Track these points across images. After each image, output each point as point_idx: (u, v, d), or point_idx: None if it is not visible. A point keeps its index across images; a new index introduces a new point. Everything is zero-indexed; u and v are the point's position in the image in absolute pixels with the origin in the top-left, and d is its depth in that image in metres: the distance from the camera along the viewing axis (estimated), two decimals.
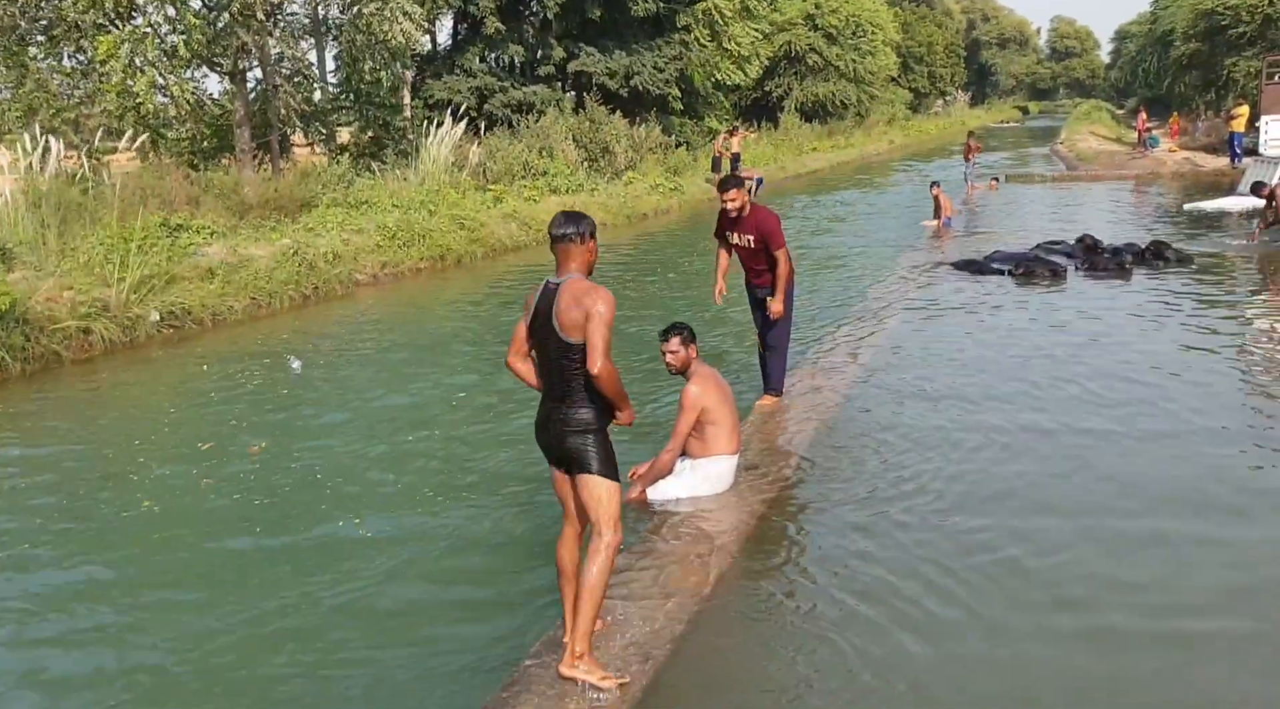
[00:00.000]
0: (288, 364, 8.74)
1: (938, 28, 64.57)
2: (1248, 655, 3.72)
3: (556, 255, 3.61)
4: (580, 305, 3.45)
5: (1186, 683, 3.59)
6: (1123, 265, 11.32)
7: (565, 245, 3.59)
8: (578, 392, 3.55)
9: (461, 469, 6.11)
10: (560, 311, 3.49)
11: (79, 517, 5.66)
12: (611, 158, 22.63)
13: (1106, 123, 49.63)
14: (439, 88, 23.75)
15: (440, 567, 4.86)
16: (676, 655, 3.78)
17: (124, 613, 4.55)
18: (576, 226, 3.61)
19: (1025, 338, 8.52)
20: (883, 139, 45.20)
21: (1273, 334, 8.52)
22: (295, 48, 17.26)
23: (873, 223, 18.83)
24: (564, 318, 3.48)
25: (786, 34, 40.45)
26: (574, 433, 3.55)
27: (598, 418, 3.57)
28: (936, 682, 3.61)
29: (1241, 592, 4.16)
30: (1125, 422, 6.18)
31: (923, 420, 6.38)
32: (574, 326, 3.46)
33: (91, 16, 14.03)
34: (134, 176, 14.04)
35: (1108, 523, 4.82)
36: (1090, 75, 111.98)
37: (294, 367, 8.68)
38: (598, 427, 3.57)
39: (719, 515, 5.03)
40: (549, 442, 3.64)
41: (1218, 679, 3.60)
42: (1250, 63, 30.12)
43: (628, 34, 26.04)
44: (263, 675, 4.00)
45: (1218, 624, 3.91)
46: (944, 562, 4.46)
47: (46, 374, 8.79)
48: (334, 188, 16.02)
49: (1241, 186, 18.28)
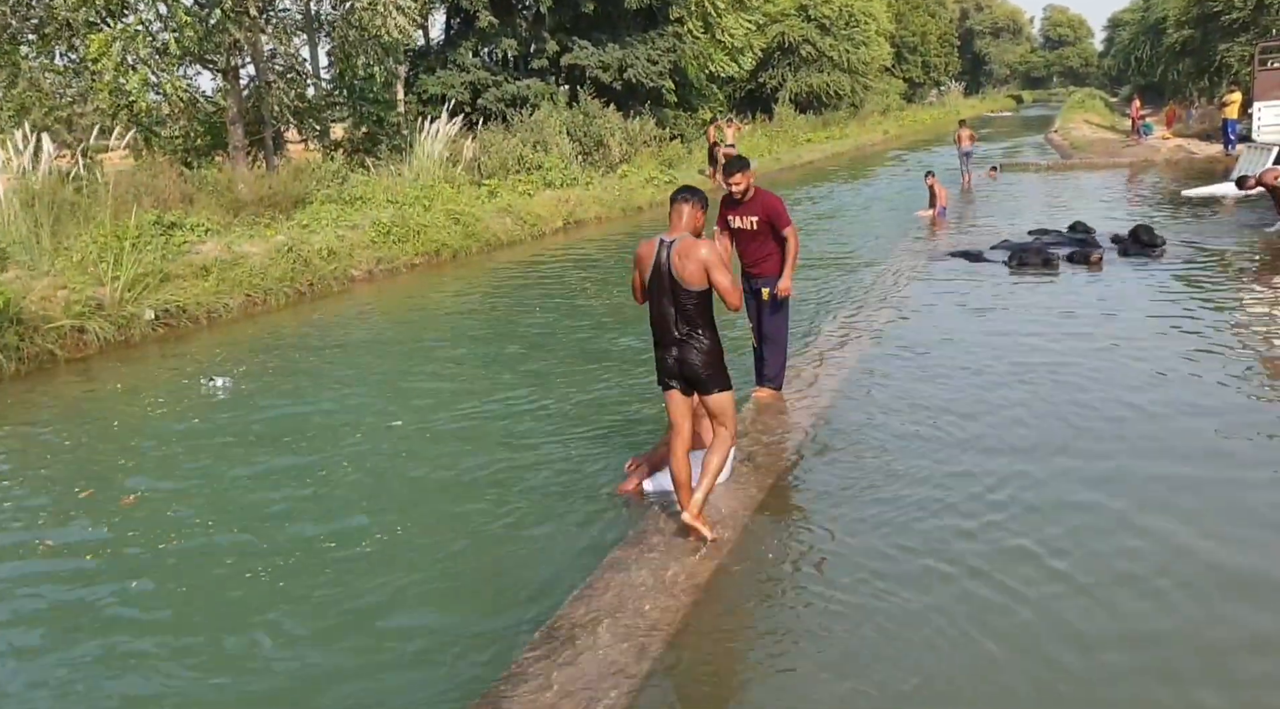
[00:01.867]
0: (210, 384, 8.04)
1: (931, 17, 64.45)
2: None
3: (671, 216, 4.54)
4: (694, 259, 4.38)
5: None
6: (1049, 261, 11.12)
7: (681, 205, 4.52)
8: (700, 327, 4.47)
9: (460, 465, 6.11)
10: (678, 268, 4.41)
11: (77, 513, 5.67)
12: (606, 151, 22.62)
13: (1100, 111, 49.60)
14: (432, 83, 23.70)
15: (439, 561, 4.86)
16: (674, 646, 3.79)
17: (115, 609, 4.56)
18: (695, 196, 4.57)
19: (1024, 327, 8.53)
20: (877, 130, 45.15)
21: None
22: (288, 44, 17.20)
23: (868, 213, 18.83)
24: (684, 273, 4.41)
25: (780, 25, 40.34)
26: (702, 362, 4.48)
27: (717, 345, 4.53)
28: (937, 673, 3.62)
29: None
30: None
31: (920, 409, 6.39)
32: (694, 278, 4.39)
33: (83, 14, 13.98)
34: (127, 174, 14.03)
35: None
36: (1084, 63, 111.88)
37: (217, 384, 8.03)
38: (719, 352, 4.53)
39: (716, 505, 5.03)
40: (678, 370, 4.54)
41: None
42: (1243, 49, 30.10)
43: (621, 27, 25.99)
44: (252, 667, 4.01)
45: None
46: (944, 551, 4.47)
47: (41, 374, 8.78)
48: (328, 184, 16.01)
49: (1235, 173, 18.30)
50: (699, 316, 4.47)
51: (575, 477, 5.76)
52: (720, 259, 4.43)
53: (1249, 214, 14.38)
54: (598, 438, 6.39)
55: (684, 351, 4.50)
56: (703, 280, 4.40)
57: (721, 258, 4.44)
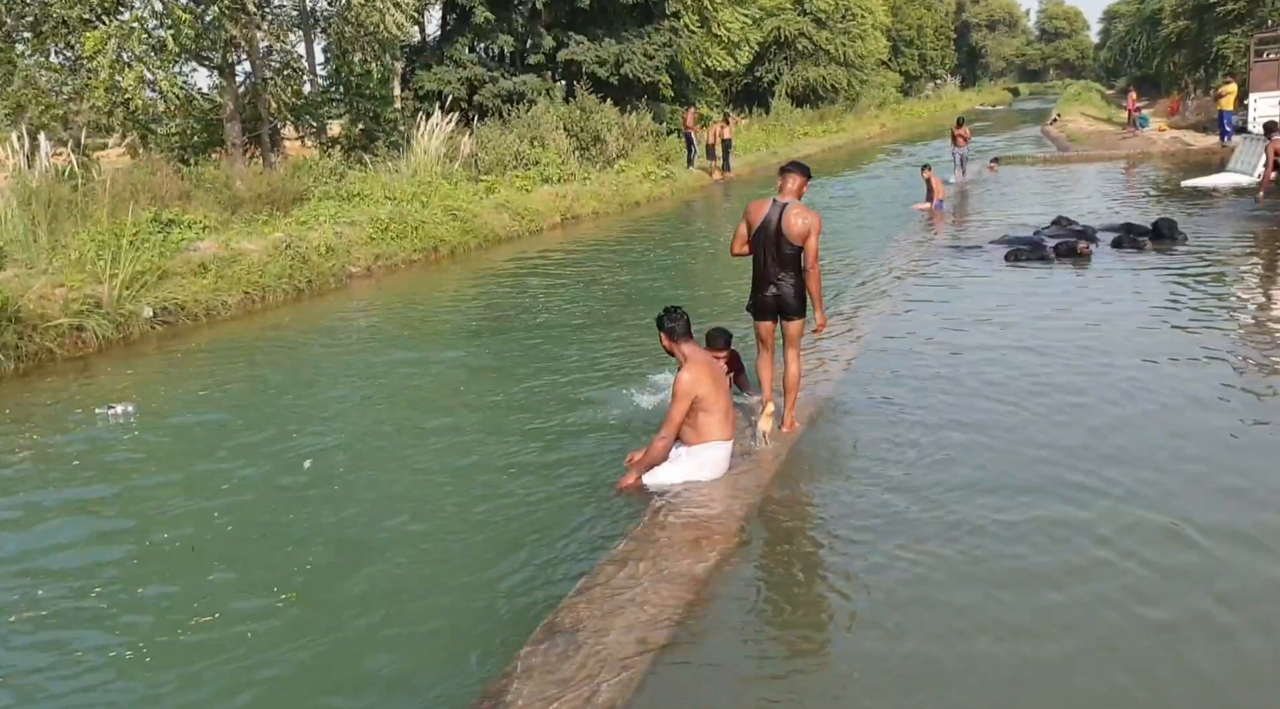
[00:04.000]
0: (108, 414, 7.25)
1: (927, 10, 64.46)
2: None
3: (783, 182, 5.70)
4: (805, 221, 5.56)
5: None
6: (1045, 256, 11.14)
7: (795, 175, 5.72)
8: (795, 273, 5.69)
9: (459, 460, 6.12)
10: (788, 225, 5.55)
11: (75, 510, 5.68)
12: (603, 146, 22.59)
13: (1096, 103, 49.60)
14: (429, 79, 23.67)
15: (438, 555, 4.87)
16: (674, 641, 3.80)
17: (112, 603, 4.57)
18: (801, 168, 5.80)
19: (1022, 319, 8.54)
20: (874, 123, 45.16)
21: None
22: (284, 40, 17.18)
23: (864, 206, 18.84)
24: (792, 229, 5.56)
25: (776, 19, 40.31)
26: (792, 295, 5.71)
27: (802, 285, 5.72)
28: (937, 662, 3.64)
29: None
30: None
31: (920, 402, 6.40)
32: (799, 235, 5.56)
33: (78, 12, 13.96)
34: (124, 172, 14.00)
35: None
36: (1080, 56, 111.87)
37: (116, 412, 7.25)
38: (802, 291, 5.74)
39: (716, 500, 5.05)
40: (772, 304, 5.75)
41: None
42: (1239, 40, 30.10)
43: (617, 22, 25.96)
44: (250, 661, 4.02)
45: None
46: (943, 543, 4.48)
47: (40, 372, 8.78)
48: (325, 181, 15.98)
49: (1231, 164, 18.31)
50: (792, 265, 5.65)
51: (575, 471, 5.77)
52: (819, 227, 5.60)
53: (1247, 203, 14.39)
54: (596, 433, 6.40)
55: (780, 289, 5.69)
56: (803, 239, 5.55)
57: (818, 233, 5.62)
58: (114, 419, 7.19)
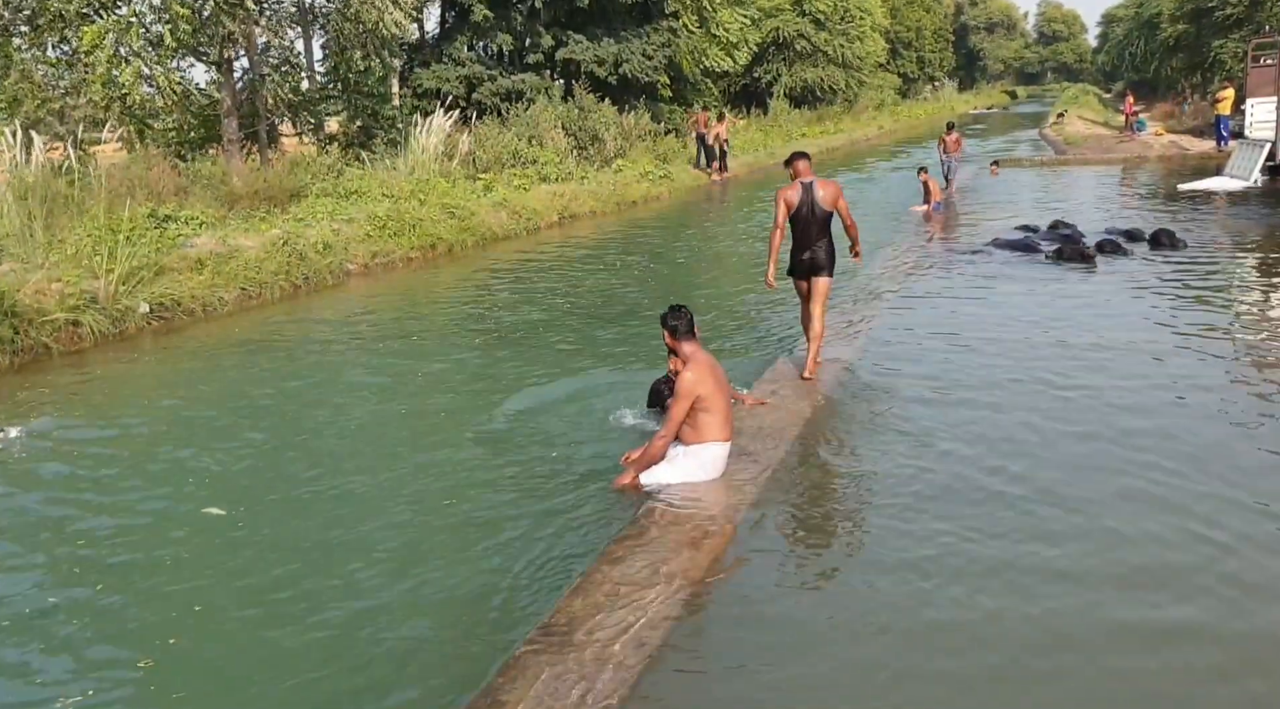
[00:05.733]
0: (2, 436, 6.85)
1: (926, 12, 64.47)
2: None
3: (796, 167, 7.07)
4: (830, 190, 7.02)
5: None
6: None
7: (800, 160, 7.13)
8: (826, 239, 7.03)
9: (455, 459, 6.12)
10: (820, 197, 6.95)
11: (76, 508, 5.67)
12: (601, 145, 22.57)
13: (1094, 107, 49.66)
14: (427, 77, 23.63)
15: (435, 556, 4.86)
16: (670, 641, 3.80)
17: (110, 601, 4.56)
18: (806, 153, 7.25)
19: (1021, 317, 8.55)
20: (871, 124, 45.18)
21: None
22: (282, 36, 17.13)
23: (862, 207, 18.81)
24: (825, 200, 6.96)
25: (775, 20, 40.29)
26: (827, 256, 7.04)
27: (831, 249, 7.06)
28: (938, 662, 3.64)
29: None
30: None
31: (918, 402, 6.41)
32: (831, 201, 6.98)
33: (75, 6, 13.90)
34: (120, 167, 13.95)
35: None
36: (1078, 59, 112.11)
37: (10, 435, 6.81)
38: (834, 252, 7.09)
39: (713, 500, 5.05)
40: (811, 264, 7.02)
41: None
42: (1237, 45, 30.16)
43: (616, 21, 25.93)
44: (240, 664, 4.02)
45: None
46: (941, 541, 4.49)
47: (36, 366, 8.76)
48: (323, 178, 15.95)
49: (1227, 169, 18.36)
50: (826, 231, 7.02)
51: (570, 470, 5.77)
52: (841, 189, 7.10)
53: (1243, 208, 14.43)
54: (593, 432, 6.39)
55: (815, 252, 7.00)
56: (834, 203, 6.98)
57: (840, 189, 7.11)
58: (7, 443, 6.68)
